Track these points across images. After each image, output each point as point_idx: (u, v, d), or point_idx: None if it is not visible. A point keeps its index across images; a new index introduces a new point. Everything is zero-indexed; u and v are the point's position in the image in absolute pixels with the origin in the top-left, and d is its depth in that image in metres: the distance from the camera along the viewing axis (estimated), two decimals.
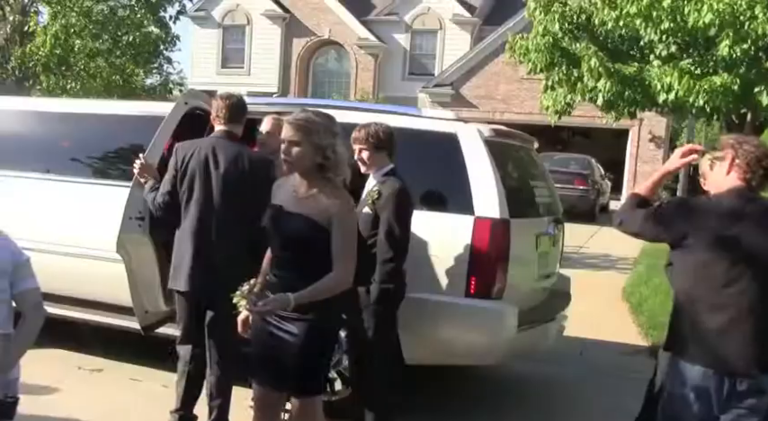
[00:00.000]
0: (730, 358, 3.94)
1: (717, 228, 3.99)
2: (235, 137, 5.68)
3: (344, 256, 4.18)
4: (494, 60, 33.32)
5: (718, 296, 3.96)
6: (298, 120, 4.21)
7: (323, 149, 4.17)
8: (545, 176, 7.73)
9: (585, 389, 7.83)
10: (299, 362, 4.24)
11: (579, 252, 17.32)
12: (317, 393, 4.43)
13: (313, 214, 4.16)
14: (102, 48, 21.87)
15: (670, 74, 10.44)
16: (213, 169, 5.47)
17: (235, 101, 5.73)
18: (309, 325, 4.21)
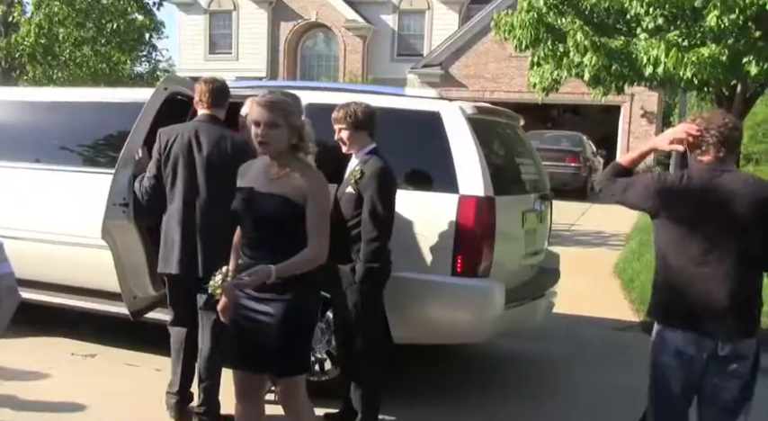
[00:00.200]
0: (710, 324, 4.09)
1: (690, 202, 4.14)
2: (218, 120, 5.70)
3: (319, 231, 4.20)
4: (482, 39, 33.29)
5: (696, 265, 4.11)
6: (274, 103, 4.20)
7: (298, 130, 4.22)
8: (531, 153, 7.71)
9: (575, 365, 7.85)
10: (278, 342, 4.23)
11: (571, 229, 17.35)
12: (299, 373, 4.42)
13: (287, 193, 4.17)
14: (87, 36, 21.77)
15: (656, 46, 10.38)
16: (196, 152, 5.51)
17: (218, 85, 5.76)
18: (287, 304, 4.21)
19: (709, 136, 4.24)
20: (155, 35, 24.10)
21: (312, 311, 4.46)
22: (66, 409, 5.93)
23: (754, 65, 10.16)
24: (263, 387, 4.63)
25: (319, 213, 4.21)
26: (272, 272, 4.06)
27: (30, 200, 7.23)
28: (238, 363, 4.45)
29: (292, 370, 4.38)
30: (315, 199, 4.18)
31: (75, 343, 7.43)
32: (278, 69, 41.09)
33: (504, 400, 6.64)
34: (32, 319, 7.64)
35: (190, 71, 33.50)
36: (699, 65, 10.11)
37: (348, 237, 5.45)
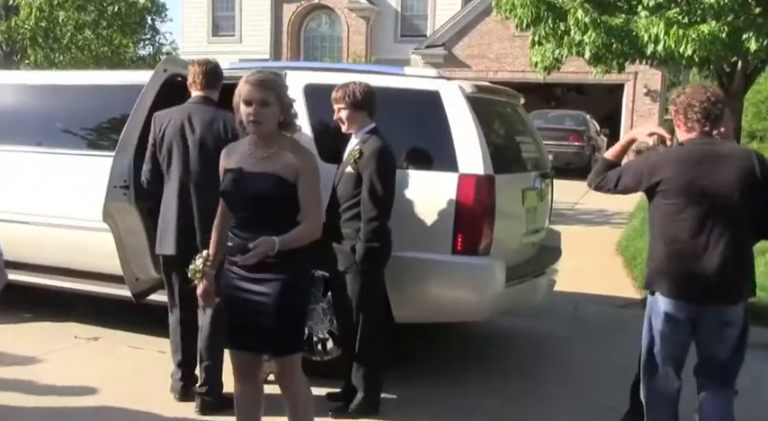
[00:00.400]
0: (699, 291, 4.34)
1: (683, 174, 4.33)
2: (211, 102, 5.74)
3: (314, 206, 4.26)
4: (485, 19, 33.16)
5: (690, 236, 4.31)
6: (264, 81, 4.20)
7: (288, 107, 4.24)
8: (532, 131, 7.71)
9: (577, 343, 7.88)
10: (275, 322, 4.25)
11: (574, 208, 17.36)
12: (295, 351, 4.43)
13: (278, 171, 4.17)
14: (88, 19, 21.74)
15: (657, 24, 10.35)
16: (189, 134, 5.56)
17: (211, 67, 5.79)
18: (282, 283, 4.23)
19: (693, 112, 4.41)
20: (157, 18, 24.08)
21: (306, 291, 4.50)
22: (70, 392, 5.97)
23: (753, 41, 10.14)
24: (261, 366, 4.66)
25: (312, 188, 4.24)
26: (275, 243, 4.07)
27: (31, 183, 7.26)
28: (236, 344, 4.47)
29: (289, 349, 4.39)
30: (306, 174, 4.20)
31: (77, 326, 7.48)
32: (281, 51, 41.00)
33: (505, 378, 6.68)
34: (35, 303, 7.71)
35: (193, 54, 33.41)
36: (699, 42, 10.08)
37: (338, 217, 5.53)
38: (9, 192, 7.32)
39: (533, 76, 17.29)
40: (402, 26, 40.04)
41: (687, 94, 4.47)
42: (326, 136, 6.36)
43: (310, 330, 6.35)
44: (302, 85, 6.53)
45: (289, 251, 4.15)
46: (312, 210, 4.24)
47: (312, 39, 42.00)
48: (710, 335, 4.47)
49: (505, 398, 6.18)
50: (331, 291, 6.00)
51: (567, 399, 6.25)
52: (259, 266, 4.15)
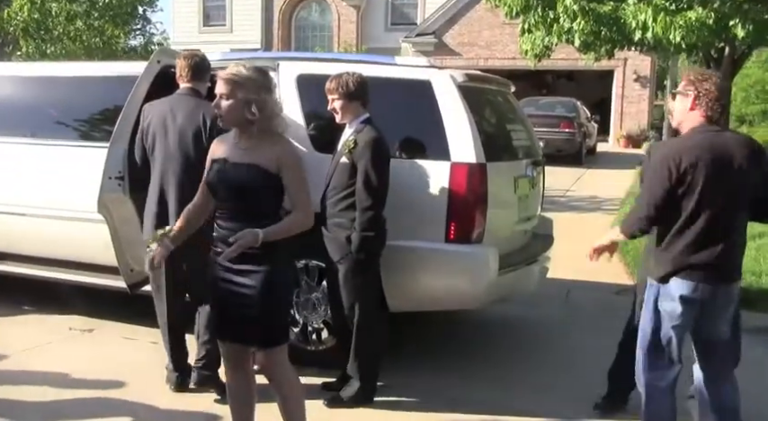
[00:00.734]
0: (721, 271, 4.53)
1: (705, 161, 4.41)
2: (196, 93, 5.86)
3: (302, 198, 4.27)
4: (475, 6, 33.22)
5: (714, 221, 4.44)
6: (227, 75, 4.24)
7: (249, 104, 4.20)
8: (523, 119, 7.74)
9: (571, 329, 7.92)
10: (258, 313, 4.27)
11: (566, 195, 17.39)
12: (279, 343, 4.42)
13: (261, 162, 4.19)
14: (80, 10, 21.72)
15: (644, 11, 10.39)
16: (170, 124, 5.68)
17: (197, 60, 5.90)
18: (264, 275, 4.25)
19: (719, 104, 4.54)
20: (148, 9, 24.06)
21: (288, 282, 4.53)
22: (65, 384, 5.99)
23: (740, 27, 10.18)
24: (249, 355, 4.66)
25: (298, 178, 4.25)
26: (258, 235, 4.10)
27: (25, 175, 7.28)
28: (222, 335, 4.52)
29: (273, 340, 4.40)
30: (289, 165, 4.22)
31: (72, 318, 7.49)
32: (272, 40, 40.99)
33: (500, 366, 6.73)
34: (29, 295, 7.73)
35: (184, 44, 33.34)
36: (687, 28, 10.12)
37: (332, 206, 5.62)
38: (3, 183, 7.33)
39: (523, 63, 17.32)
40: (392, 15, 40.09)
41: (716, 85, 4.52)
42: (319, 126, 6.39)
43: (305, 320, 6.40)
44: (295, 75, 6.56)
45: (270, 244, 4.18)
46: (301, 199, 4.26)
47: (303, 28, 42.02)
48: (719, 313, 4.61)
49: (501, 386, 6.23)
50: (326, 280, 6.02)
51: (562, 386, 6.30)
52: (241, 257, 4.19)
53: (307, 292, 6.37)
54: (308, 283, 6.37)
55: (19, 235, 7.33)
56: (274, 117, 4.29)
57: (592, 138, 28.01)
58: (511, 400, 5.96)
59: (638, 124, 32.98)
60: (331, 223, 5.65)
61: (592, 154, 27.72)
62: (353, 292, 5.62)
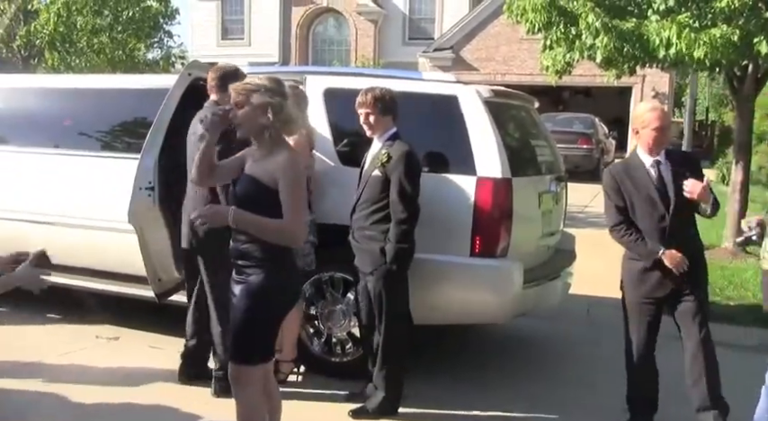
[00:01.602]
0: None
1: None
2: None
3: (292, 209, 4.13)
4: (493, 22, 33.20)
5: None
6: (239, 85, 4.30)
7: (264, 108, 4.20)
8: (546, 135, 7.79)
9: (594, 344, 7.93)
10: (234, 325, 4.30)
11: (584, 211, 17.38)
12: (246, 362, 4.31)
13: (261, 175, 4.19)
14: (104, 23, 21.94)
15: (668, 28, 10.39)
16: (192, 134, 5.79)
17: (223, 72, 5.93)
18: (246, 287, 4.25)
19: None
20: (169, 22, 24.26)
21: (280, 300, 4.34)
22: (90, 391, 6.04)
23: (765, 44, 10.18)
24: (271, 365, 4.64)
25: (289, 191, 4.13)
26: (228, 213, 4.11)
27: (58, 185, 7.34)
28: None
29: (239, 357, 4.32)
30: (283, 177, 4.12)
31: (99, 326, 7.55)
32: (290, 54, 41.15)
33: (522, 380, 6.77)
34: (56, 304, 7.78)
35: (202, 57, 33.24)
36: (711, 45, 10.12)
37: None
38: (35, 193, 7.40)
39: (541, 78, 17.31)
40: (410, 29, 40.16)
41: None
42: (345, 139, 6.46)
43: (329, 331, 6.45)
44: (322, 89, 6.63)
45: (262, 258, 4.19)
46: (287, 212, 4.12)
47: (320, 42, 42.17)
48: None
49: (522, 400, 6.25)
50: (355, 292, 6.05)
51: (583, 402, 6.32)
52: (237, 268, 4.26)
53: (331, 304, 6.43)
54: (332, 295, 6.43)
55: (46, 244, 7.37)
56: (291, 122, 4.29)
57: (609, 155, 27.97)
58: (532, 415, 6.00)
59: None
60: (361, 235, 5.69)
61: None
62: (384, 303, 5.65)
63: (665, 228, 5.34)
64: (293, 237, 4.21)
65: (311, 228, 6.08)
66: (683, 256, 5.28)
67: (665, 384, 5.69)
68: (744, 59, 11.76)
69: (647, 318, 5.56)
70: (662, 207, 5.34)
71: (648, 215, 5.40)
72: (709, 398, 5.40)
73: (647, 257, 5.43)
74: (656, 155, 5.42)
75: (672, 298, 5.46)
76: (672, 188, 5.33)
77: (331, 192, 6.26)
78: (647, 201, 5.39)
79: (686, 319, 5.44)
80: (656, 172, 5.40)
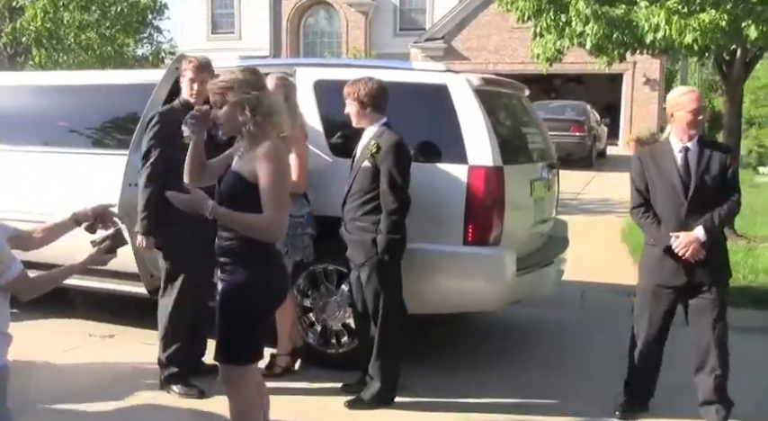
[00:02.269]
0: None
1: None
2: None
3: (270, 203, 4.01)
4: (483, 11, 33.22)
5: None
6: (215, 83, 4.19)
7: (240, 105, 4.11)
8: (537, 122, 7.79)
9: (588, 331, 7.96)
10: (217, 324, 4.26)
11: (577, 198, 17.43)
12: (232, 362, 4.27)
13: (243, 171, 4.11)
14: (91, 19, 21.84)
15: (657, 14, 10.40)
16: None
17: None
18: (228, 285, 4.21)
19: None
20: (157, 17, 24.17)
21: (261, 297, 4.23)
22: (85, 388, 6.04)
23: (753, 29, 10.18)
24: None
25: (267, 186, 4.02)
26: (208, 204, 4.02)
27: (46, 183, 7.31)
28: None
29: (227, 356, 4.27)
30: (262, 174, 4.03)
31: (92, 324, 7.56)
32: (281, 47, 41.08)
33: (517, 367, 6.77)
34: (50, 301, 7.75)
35: (192, 51, 33.26)
36: (700, 31, 10.13)
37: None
38: (24, 191, 7.37)
39: (532, 67, 17.35)
40: (401, 20, 40.11)
41: None
42: (337, 131, 6.45)
43: (324, 323, 6.45)
44: (312, 81, 6.62)
45: (243, 255, 4.14)
46: (265, 207, 4.02)
47: (311, 34, 42.09)
48: None
49: (517, 387, 6.26)
50: (349, 283, 6.06)
51: (577, 387, 6.33)
52: (221, 266, 4.25)
53: (326, 296, 6.43)
54: (326, 287, 6.43)
55: None
56: (272, 113, 4.17)
57: (602, 142, 28.01)
58: (527, 401, 6.00)
59: (648, 127, 32.94)
60: (353, 226, 5.69)
61: (602, 157, 27.74)
62: (377, 294, 5.65)
63: (683, 215, 5.29)
64: (271, 233, 4.10)
65: (310, 220, 6.07)
66: (698, 242, 5.21)
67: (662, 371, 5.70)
68: (732, 44, 11.78)
69: (661, 306, 5.49)
70: (682, 194, 5.29)
71: (668, 201, 5.37)
72: (714, 394, 5.41)
73: (659, 242, 5.37)
74: (688, 140, 5.35)
75: (689, 289, 5.40)
76: (694, 177, 5.28)
77: (323, 183, 6.25)
78: (667, 186, 5.35)
79: (701, 313, 5.39)
80: (682, 158, 5.34)
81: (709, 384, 5.40)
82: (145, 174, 5.75)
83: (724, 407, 5.41)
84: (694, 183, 5.27)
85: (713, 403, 5.42)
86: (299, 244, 6.02)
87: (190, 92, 5.86)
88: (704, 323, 5.37)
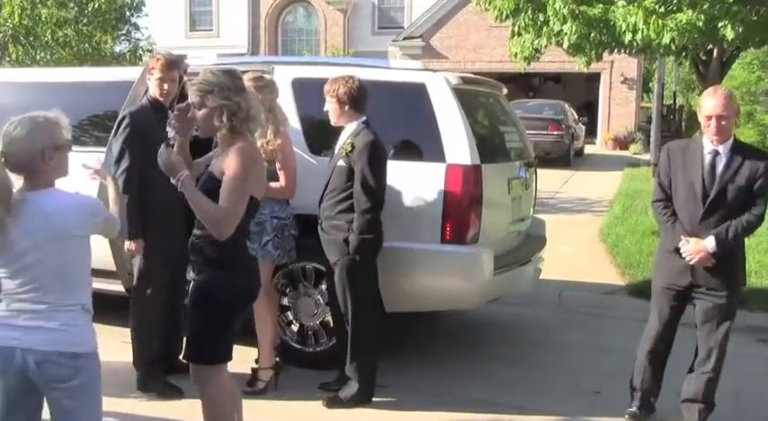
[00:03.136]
0: None
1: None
2: None
3: (225, 199, 3.99)
4: (462, 10, 33.25)
5: None
6: (196, 83, 4.18)
7: (220, 110, 4.10)
8: (515, 121, 7.81)
9: (565, 328, 8.00)
10: (188, 324, 4.32)
11: (555, 197, 17.48)
12: (207, 362, 4.29)
13: (215, 170, 4.15)
14: (69, 16, 21.76)
15: (635, 13, 10.47)
16: None
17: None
18: (195, 286, 4.27)
19: None
20: (135, 14, 24.11)
21: (225, 300, 4.21)
22: None
23: (729, 29, 10.26)
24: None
25: (227, 181, 4.00)
26: (182, 174, 4.02)
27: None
28: None
29: (192, 355, 4.31)
30: (226, 168, 4.03)
31: None
32: (259, 45, 40.96)
33: (495, 365, 6.79)
34: None
35: (170, 49, 33.18)
36: (677, 31, 10.20)
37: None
38: None
39: (510, 66, 17.38)
40: (379, 18, 40.02)
41: None
42: (315, 129, 6.45)
43: (302, 321, 6.45)
44: (290, 79, 6.61)
45: (212, 257, 4.16)
46: (222, 201, 3.99)
47: (290, 32, 41.96)
48: None
49: (496, 385, 6.29)
50: (326, 282, 6.07)
51: (556, 385, 6.36)
52: (192, 265, 4.33)
53: (303, 294, 6.43)
54: (304, 285, 6.43)
55: None
56: (249, 119, 4.15)
57: (579, 141, 28.10)
58: (506, 398, 6.01)
59: (626, 126, 33.11)
60: (328, 225, 5.70)
61: (580, 156, 27.82)
62: (351, 293, 5.66)
63: (698, 220, 5.18)
64: (219, 228, 4.01)
65: (292, 222, 6.05)
66: (707, 252, 5.10)
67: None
68: (709, 44, 11.88)
69: (668, 305, 5.41)
70: (700, 199, 5.16)
71: (686, 202, 5.25)
72: (701, 394, 5.37)
73: (670, 242, 5.30)
74: (717, 144, 5.19)
75: (697, 290, 5.30)
76: (717, 184, 5.14)
77: (301, 181, 6.24)
78: (689, 188, 5.22)
79: (706, 317, 5.30)
80: (710, 162, 5.18)
81: (700, 384, 5.36)
82: (121, 181, 5.62)
83: (706, 409, 5.40)
84: (715, 190, 5.14)
85: (696, 402, 5.39)
86: (286, 246, 6.01)
87: (159, 91, 5.84)
88: (707, 327, 5.30)
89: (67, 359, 3.47)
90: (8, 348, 3.42)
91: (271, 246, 5.85)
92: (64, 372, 3.47)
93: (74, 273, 3.56)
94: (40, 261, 3.45)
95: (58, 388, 3.48)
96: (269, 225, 5.85)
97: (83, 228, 3.57)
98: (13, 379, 3.46)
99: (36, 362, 3.42)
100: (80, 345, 3.53)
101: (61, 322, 3.48)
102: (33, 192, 3.51)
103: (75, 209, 3.59)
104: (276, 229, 5.89)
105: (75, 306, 3.55)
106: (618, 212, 14.57)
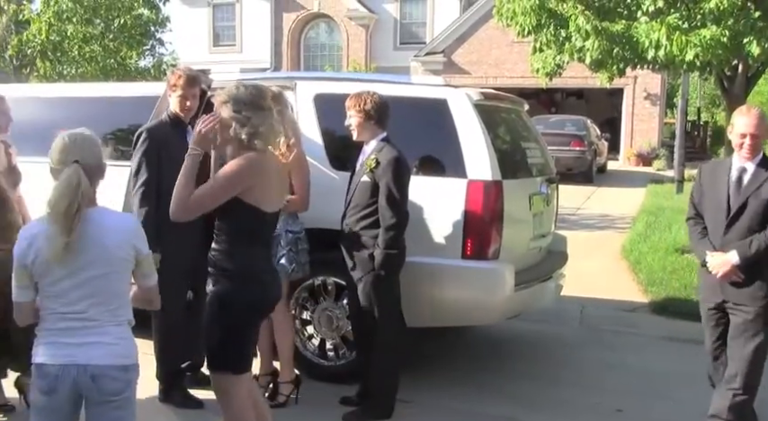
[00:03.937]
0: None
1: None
2: None
3: (201, 188, 4.11)
4: (484, 25, 33.29)
5: None
6: (217, 96, 4.26)
7: (228, 123, 4.16)
8: (536, 137, 7.81)
9: (586, 346, 7.97)
10: (204, 333, 4.36)
11: (577, 213, 17.43)
12: (219, 369, 4.35)
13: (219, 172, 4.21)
14: (95, 32, 22.01)
15: (658, 29, 10.44)
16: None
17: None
18: (210, 295, 4.35)
19: None
20: (160, 29, 24.29)
21: (240, 311, 4.27)
22: None
23: (755, 45, 10.22)
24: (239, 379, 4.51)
25: (214, 177, 4.17)
26: (197, 146, 4.15)
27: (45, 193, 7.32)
28: None
29: (212, 364, 4.37)
30: (221, 170, 4.15)
31: None
32: (282, 60, 41.15)
33: (516, 382, 6.77)
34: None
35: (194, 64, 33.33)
36: (701, 47, 10.17)
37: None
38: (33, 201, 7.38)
39: (532, 81, 17.40)
40: (401, 34, 40.12)
41: None
42: (337, 144, 6.48)
43: (323, 335, 6.46)
44: (312, 94, 6.65)
45: (227, 269, 4.22)
46: (201, 188, 4.10)
47: (312, 47, 42.13)
48: None
49: (517, 402, 6.27)
50: (348, 297, 6.09)
51: (577, 402, 6.33)
52: (210, 277, 4.36)
53: (325, 309, 6.44)
54: (325, 300, 6.44)
55: None
56: (259, 135, 4.18)
57: (602, 157, 28.03)
58: (528, 415, 6.01)
59: (649, 142, 33.00)
60: (352, 241, 5.72)
61: (602, 172, 27.76)
62: (375, 309, 5.67)
63: (722, 235, 5.17)
64: (174, 204, 4.10)
65: (304, 236, 6.06)
66: (730, 265, 5.06)
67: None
68: (734, 60, 11.82)
69: (709, 321, 5.41)
70: (724, 213, 5.16)
71: (713, 217, 5.26)
72: (728, 411, 5.22)
73: (698, 257, 5.36)
74: (747, 161, 5.16)
75: (728, 306, 5.25)
76: (741, 198, 5.13)
77: (322, 196, 6.26)
78: (715, 203, 5.23)
79: (735, 333, 5.22)
80: (736, 178, 5.18)
81: (725, 401, 5.23)
82: (138, 195, 5.70)
83: None
84: (739, 202, 5.12)
85: (721, 419, 5.25)
86: (301, 259, 6.02)
87: (181, 107, 5.89)
88: (735, 343, 5.22)
89: (120, 372, 3.52)
90: (60, 366, 3.44)
91: (285, 260, 5.86)
92: (118, 385, 3.52)
93: (122, 288, 3.60)
94: (100, 277, 3.48)
95: (112, 400, 3.51)
96: (283, 239, 5.88)
97: (134, 248, 3.59)
98: (62, 397, 3.47)
99: (92, 377, 3.45)
100: (129, 358, 3.59)
101: (114, 336, 3.52)
102: (89, 209, 3.51)
103: (132, 227, 3.65)
104: (290, 243, 5.91)
105: (124, 320, 3.60)
106: (641, 229, 14.51)
